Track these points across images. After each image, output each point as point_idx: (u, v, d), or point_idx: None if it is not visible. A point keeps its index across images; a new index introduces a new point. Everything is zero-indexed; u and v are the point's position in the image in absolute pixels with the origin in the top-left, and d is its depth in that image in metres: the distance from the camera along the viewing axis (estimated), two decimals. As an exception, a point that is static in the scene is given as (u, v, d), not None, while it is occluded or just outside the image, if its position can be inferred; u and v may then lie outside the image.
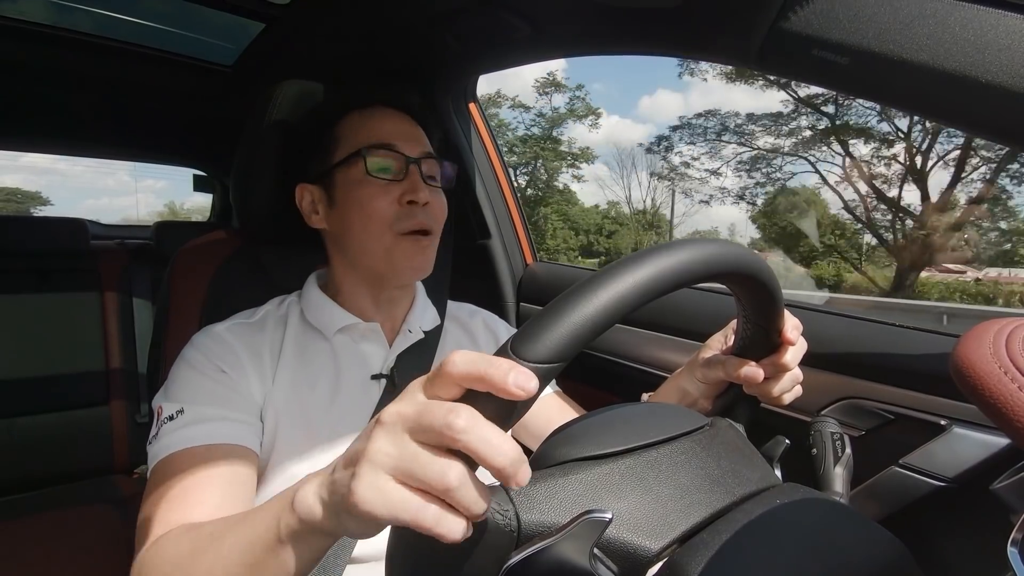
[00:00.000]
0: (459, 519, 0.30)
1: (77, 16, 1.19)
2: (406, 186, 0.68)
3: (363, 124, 0.71)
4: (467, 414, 0.29)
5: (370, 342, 0.72)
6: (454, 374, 0.30)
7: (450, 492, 0.29)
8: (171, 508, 0.53)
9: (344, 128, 0.71)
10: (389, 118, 0.72)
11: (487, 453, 0.28)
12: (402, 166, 0.68)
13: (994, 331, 0.31)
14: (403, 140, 0.70)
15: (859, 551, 0.36)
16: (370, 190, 0.67)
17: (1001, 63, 0.44)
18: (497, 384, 0.29)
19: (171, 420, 0.58)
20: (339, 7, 0.99)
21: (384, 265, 0.69)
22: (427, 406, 0.30)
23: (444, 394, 0.31)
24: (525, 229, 1.28)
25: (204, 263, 0.81)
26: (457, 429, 0.28)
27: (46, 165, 47.24)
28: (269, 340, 0.67)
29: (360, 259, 0.70)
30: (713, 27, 0.67)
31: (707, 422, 0.48)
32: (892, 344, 0.70)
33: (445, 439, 0.29)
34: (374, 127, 0.70)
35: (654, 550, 0.35)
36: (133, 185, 46.50)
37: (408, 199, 0.67)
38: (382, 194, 0.67)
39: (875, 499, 0.68)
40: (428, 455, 0.29)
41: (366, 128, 0.70)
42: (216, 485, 0.55)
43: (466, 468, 0.29)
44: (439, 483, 0.29)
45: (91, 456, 1.64)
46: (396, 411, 0.31)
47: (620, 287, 0.33)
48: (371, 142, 0.68)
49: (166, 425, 0.58)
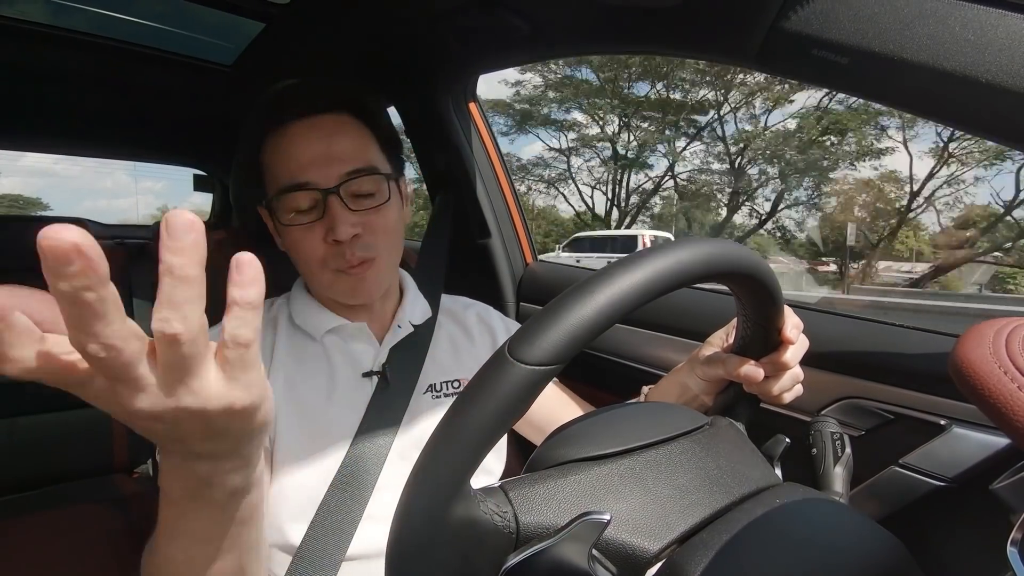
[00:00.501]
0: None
1: (76, 16, 1.19)
2: (327, 223, 0.63)
3: (276, 154, 0.66)
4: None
5: (360, 341, 0.72)
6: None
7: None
8: None
9: (265, 157, 0.67)
10: (298, 140, 0.64)
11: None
12: (319, 202, 0.63)
13: (994, 331, 0.31)
14: (316, 167, 0.63)
15: (859, 551, 0.36)
16: (293, 235, 0.65)
17: (1001, 63, 0.44)
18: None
19: None
20: (339, 7, 0.98)
21: (330, 295, 0.69)
22: None
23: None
24: (525, 229, 1.27)
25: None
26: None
27: (44, 167, 47.22)
28: (261, 343, 0.67)
29: (313, 287, 0.71)
30: (713, 27, 0.66)
31: (707, 422, 0.48)
32: (892, 344, 0.70)
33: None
34: (283, 157, 0.65)
35: (653, 551, 0.35)
36: (132, 187, 46.50)
37: (332, 239, 0.63)
38: (307, 237, 0.65)
39: (875, 499, 0.68)
40: None
41: (279, 159, 0.65)
42: None
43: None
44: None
45: (90, 456, 1.64)
46: None
47: (619, 288, 0.33)
48: (281, 181, 0.64)
49: None
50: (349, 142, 0.66)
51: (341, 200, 0.63)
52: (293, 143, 0.65)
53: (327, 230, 0.64)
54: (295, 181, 0.63)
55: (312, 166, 0.63)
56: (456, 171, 1.17)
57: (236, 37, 1.25)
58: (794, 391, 0.57)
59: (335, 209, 0.63)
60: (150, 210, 43.08)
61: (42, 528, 1.26)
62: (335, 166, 0.64)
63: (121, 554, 1.15)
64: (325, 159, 0.64)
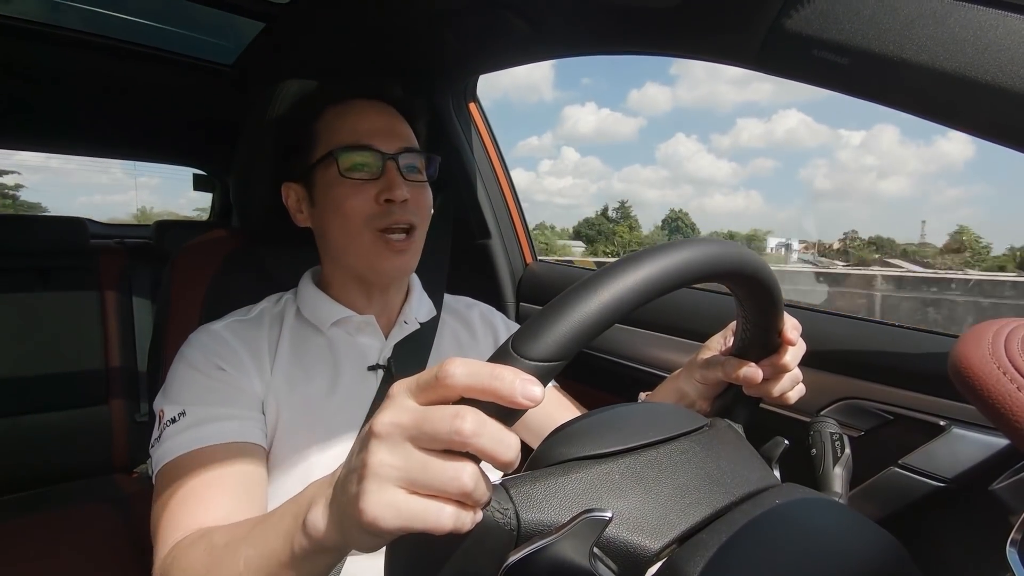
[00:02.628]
0: (471, 512, 0.30)
1: (76, 15, 1.19)
2: (382, 184, 0.67)
3: (339, 120, 0.70)
4: (473, 417, 0.28)
5: (366, 335, 0.72)
6: (456, 386, 0.29)
7: (467, 494, 0.28)
8: (185, 512, 0.52)
9: (321, 125, 0.70)
10: (366, 113, 0.70)
11: (498, 452, 0.28)
12: (378, 163, 0.67)
13: (993, 331, 0.31)
14: (380, 136, 0.68)
15: (858, 551, 0.36)
16: (344, 190, 0.66)
17: (1001, 63, 0.44)
18: (504, 396, 0.28)
19: (173, 423, 0.58)
20: (339, 7, 0.99)
21: (364, 264, 0.69)
22: (427, 413, 0.29)
23: (442, 402, 0.30)
24: (525, 229, 1.28)
25: (204, 262, 0.81)
26: (467, 434, 0.27)
27: (38, 163, 47.17)
28: (267, 336, 0.68)
29: (343, 258, 0.70)
30: (713, 27, 0.67)
31: (706, 422, 0.48)
32: (892, 344, 0.70)
33: (454, 444, 0.28)
34: (350, 124, 0.69)
35: (654, 549, 0.35)
36: (130, 182, 46.58)
37: (385, 197, 0.66)
38: (357, 193, 0.66)
39: (874, 499, 0.68)
40: (438, 462, 0.29)
41: (342, 125, 0.69)
42: (228, 486, 0.55)
43: (476, 466, 0.29)
44: (455, 488, 0.28)
45: (91, 455, 1.64)
46: (391, 421, 0.30)
47: (621, 286, 0.33)
48: (345, 141, 0.67)
49: (168, 428, 0.57)
50: (404, 127, 0.73)
51: (398, 167, 0.68)
52: (359, 113, 0.70)
53: (381, 190, 0.67)
54: (360, 142, 0.68)
55: (377, 134, 0.69)
56: (456, 171, 1.18)
57: (236, 37, 1.25)
58: (796, 391, 0.57)
59: (393, 172, 0.68)
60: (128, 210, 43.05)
61: (42, 528, 1.26)
62: (395, 140, 0.70)
63: (121, 554, 1.15)
64: (389, 130, 0.70)
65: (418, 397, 0.31)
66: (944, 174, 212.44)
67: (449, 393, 0.29)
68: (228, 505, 0.54)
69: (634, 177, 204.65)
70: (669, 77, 37.29)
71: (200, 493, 0.54)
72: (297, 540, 0.38)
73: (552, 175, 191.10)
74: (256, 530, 0.43)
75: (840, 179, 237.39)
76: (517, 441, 0.29)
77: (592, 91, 36.03)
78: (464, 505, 0.29)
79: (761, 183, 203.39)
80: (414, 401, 0.31)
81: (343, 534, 0.34)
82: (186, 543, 0.49)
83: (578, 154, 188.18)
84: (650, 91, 35.11)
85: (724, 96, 54.95)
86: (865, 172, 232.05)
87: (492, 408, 0.29)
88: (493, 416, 0.29)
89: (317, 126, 0.70)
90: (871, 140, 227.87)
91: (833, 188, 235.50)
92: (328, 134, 0.69)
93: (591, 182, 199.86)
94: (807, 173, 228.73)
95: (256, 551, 0.42)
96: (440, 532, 0.29)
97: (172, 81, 1.49)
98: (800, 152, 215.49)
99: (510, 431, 0.29)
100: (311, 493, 0.39)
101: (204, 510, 0.52)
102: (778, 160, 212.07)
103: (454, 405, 0.29)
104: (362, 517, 0.29)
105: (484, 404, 0.29)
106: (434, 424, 0.28)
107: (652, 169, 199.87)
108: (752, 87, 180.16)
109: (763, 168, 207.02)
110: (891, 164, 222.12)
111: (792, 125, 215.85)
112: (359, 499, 0.30)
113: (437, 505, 0.29)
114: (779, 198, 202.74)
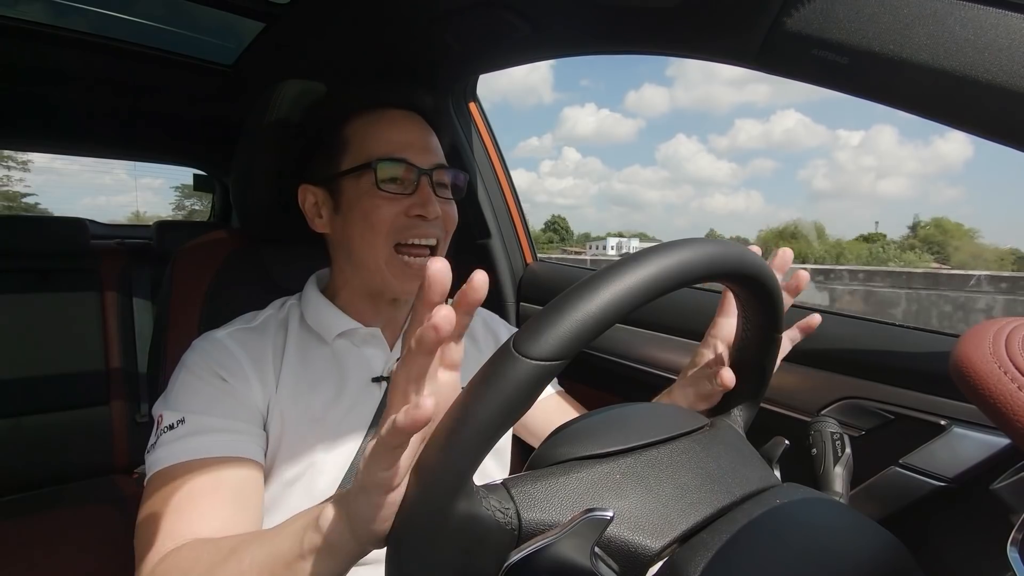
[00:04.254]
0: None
1: (77, 16, 1.19)
2: (415, 200, 0.66)
3: (373, 129, 0.68)
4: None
5: (371, 346, 0.71)
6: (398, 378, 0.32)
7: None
8: (179, 520, 0.52)
9: (351, 131, 0.69)
10: (400, 124, 0.69)
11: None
12: (413, 178, 0.66)
13: (994, 331, 0.31)
14: (415, 150, 0.68)
15: (859, 551, 0.36)
16: (377, 201, 0.66)
17: (1001, 63, 0.44)
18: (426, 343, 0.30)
19: (171, 430, 0.57)
20: (339, 7, 0.98)
21: (379, 280, 0.68)
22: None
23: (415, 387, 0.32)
24: (525, 229, 1.27)
25: (204, 263, 0.81)
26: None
27: (43, 164, 47.22)
28: (271, 345, 0.67)
29: (359, 269, 0.70)
30: (713, 27, 0.67)
31: (707, 422, 0.48)
32: (892, 344, 0.70)
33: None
34: (385, 134, 0.68)
35: (655, 549, 0.35)
36: (131, 183, 46.65)
37: (416, 213, 0.66)
38: (389, 206, 0.66)
39: (875, 499, 0.68)
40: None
41: (377, 134, 0.68)
42: (223, 498, 0.54)
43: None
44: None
45: (91, 456, 1.64)
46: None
47: (623, 285, 0.33)
48: (382, 153, 0.66)
49: (166, 435, 0.57)
50: (435, 140, 0.72)
51: (431, 183, 0.68)
52: (394, 124, 0.69)
53: (412, 205, 0.66)
54: (395, 155, 0.67)
55: (411, 147, 0.68)
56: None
57: (236, 37, 1.25)
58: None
59: (427, 189, 0.67)
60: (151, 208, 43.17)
61: (42, 529, 1.26)
62: (430, 155, 0.69)
63: (121, 554, 1.15)
64: (423, 144, 0.69)
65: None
66: (943, 175, 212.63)
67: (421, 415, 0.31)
68: (223, 516, 0.53)
69: (634, 178, 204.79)
70: (666, 79, 37.13)
71: (194, 503, 0.53)
72: (308, 537, 0.38)
73: (553, 176, 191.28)
74: (265, 534, 0.43)
75: (839, 180, 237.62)
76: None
77: (591, 92, 36.31)
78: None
79: (761, 184, 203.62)
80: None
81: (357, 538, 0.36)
82: (185, 550, 0.48)
83: (579, 154, 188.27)
84: (647, 92, 35.28)
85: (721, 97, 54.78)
86: (864, 172, 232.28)
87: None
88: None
89: (346, 131, 0.69)
90: (869, 140, 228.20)
91: (833, 188, 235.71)
92: (361, 142, 0.68)
93: (592, 183, 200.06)
94: (806, 173, 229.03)
95: (263, 550, 0.41)
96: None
97: (172, 81, 1.49)
98: (799, 153, 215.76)
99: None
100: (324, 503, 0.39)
101: (199, 520, 0.52)
102: (777, 161, 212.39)
103: None
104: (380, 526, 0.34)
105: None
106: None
107: (652, 170, 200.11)
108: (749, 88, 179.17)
109: (762, 169, 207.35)
110: (890, 164, 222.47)
111: (790, 125, 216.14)
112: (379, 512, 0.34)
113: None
114: (779, 199, 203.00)
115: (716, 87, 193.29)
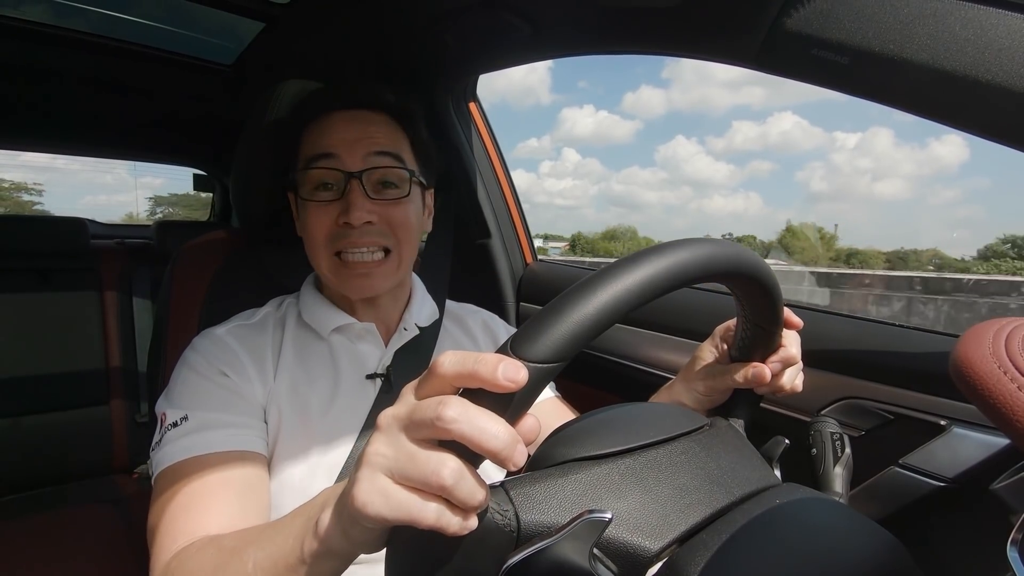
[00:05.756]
0: (459, 514, 0.30)
1: (77, 16, 1.19)
2: (344, 205, 0.64)
3: (311, 135, 0.68)
4: (456, 403, 0.29)
5: (366, 342, 0.72)
6: (446, 375, 0.30)
7: (446, 489, 0.29)
8: (188, 518, 0.52)
9: (304, 135, 0.69)
10: (336, 126, 0.67)
11: (479, 438, 0.28)
12: (341, 182, 0.64)
13: (993, 331, 0.31)
14: (346, 147, 0.65)
15: (859, 551, 0.36)
16: (310, 210, 0.66)
17: (1001, 63, 0.44)
18: (487, 379, 0.28)
19: (175, 427, 0.57)
20: (339, 7, 0.98)
21: (332, 283, 0.69)
22: (418, 403, 0.30)
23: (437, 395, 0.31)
24: (525, 229, 1.27)
25: (204, 263, 0.81)
26: (447, 419, 0.28)
27: (44, 163, 47.27)
28: (270, 341, 0.67)
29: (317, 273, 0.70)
30: (713, 27, 0.66)
31: (706, 422, 0.48)
32: (892, 344, 0.70)
33: (437, 431, 0.29)
34: (317, 138, 0.67)
35: (654, 550, 0.35)
36: (132, 182, 46.67)
37: (343, 220, 0.64)
38: (320, 214, 0.65)
39: (875, 499, 0.68)
40: (424, 453, 0.29)
41: (312, 139, 0.67)
42: (230, 493, 0.55)
43: (462, 463, 0.29)
44: (435, 481, 0.29)
45: (91, 455, 1.64)
46: (391, 413, 0.32)
47: (620, 287, 0.33)
48: (308, 155, 0.66)
49: (170, 432, 0.57)
50: (383, 133, 0.68)
51: (362, 185, 0.64)
52: (331, 126, 0.67)
53: (341, 211, 0.64)
54: (321, 151, 0.65)
55: (342, 145, 0.65)
56: (456, 171, 1.18)
57: (236, 37, 1.25)
58: (799, 378, 0.57)
59: (354, 192, 0.64)
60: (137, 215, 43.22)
61: (42, 528, 1.26)
62: (364, 146, 0.65)
63: (121, 554, 1.15)
64: (356, 141, 0.66)
65: (418, 392, 0.32)
66: (939, 177, 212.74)
67: (442, 384, 0.30)
68: (231, 512, 0.53)
69: (633, 179, 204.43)
70: (662, 80, 37.80)
71: (203, 499, 0.53)
72: (307, 542, 0.38)
73: (552, 176, 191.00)
74: (266, 533, 0.43)
75: (837, 181, 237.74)
76: (506, 430, 0.29)
77: (589, 94, 36.51)
78: (452, 506, 0.30)
79: (760, 185, 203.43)
80: (414, 396, 0.32)
81: (342, 529, 0.35)
82: (193, 549, 0.49)
83: (578, 155, 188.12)
84: (644, 94, 35.47)
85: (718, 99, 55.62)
86: (861, 174, 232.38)
87: (486, 404, 0.29)
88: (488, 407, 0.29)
89: (303, 136, 0.69)
90: (865, 143, 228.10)
91: (830, 190, 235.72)
92: (303, 148, 0.68)
93: (591, 183, 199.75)
94: (804, 175, 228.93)
95: (265, 552, 0.42)
96: (422, 526, 0.29)
97: (172, 81, 1.49)
98: (796, 155, 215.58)
99: (501, 421, 0.29)
100: (324, 496, 0.39)
101: (208, 516, 0.52)
102: (775, 162, 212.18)
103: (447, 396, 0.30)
104: (353, 502, 0.31)
105: (479, 400, 0.29)
106: (422, 411, 0.29)
107: (651, 171, 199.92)
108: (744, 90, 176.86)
109: (761, 170, 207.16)
110: (886, 166, 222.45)
111: (786, 128, 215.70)
112: (353, 485, 0.31)
113: (420, 499, 0.29)
114: (778, 200, 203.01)
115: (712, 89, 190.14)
